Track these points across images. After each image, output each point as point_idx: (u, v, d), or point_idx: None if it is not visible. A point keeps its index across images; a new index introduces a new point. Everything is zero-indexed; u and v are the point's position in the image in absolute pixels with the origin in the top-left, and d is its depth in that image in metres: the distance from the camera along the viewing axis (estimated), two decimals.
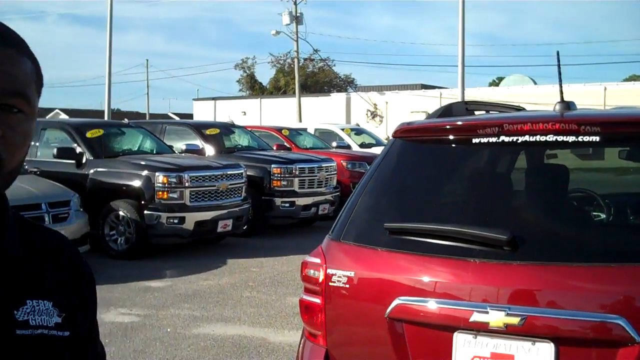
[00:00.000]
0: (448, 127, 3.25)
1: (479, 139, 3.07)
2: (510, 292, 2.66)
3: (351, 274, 2.99)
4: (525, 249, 2.73)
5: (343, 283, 2.99)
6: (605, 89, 41.19)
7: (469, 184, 3.43)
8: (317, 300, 3.08)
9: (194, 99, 61.64)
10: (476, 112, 3.82)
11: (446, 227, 2.88)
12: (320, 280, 3.07)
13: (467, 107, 3.75)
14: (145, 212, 10.63)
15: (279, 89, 74.42)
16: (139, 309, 7.88)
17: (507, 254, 2.72)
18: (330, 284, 3.04)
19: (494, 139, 3.04)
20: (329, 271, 3.05)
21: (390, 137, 3.42)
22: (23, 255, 1.26)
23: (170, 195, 10.72)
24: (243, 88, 78.95)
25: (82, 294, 1.36)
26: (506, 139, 3.02)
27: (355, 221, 3.15)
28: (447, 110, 3.60)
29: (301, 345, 3.23)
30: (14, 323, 1.19)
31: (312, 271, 3.14)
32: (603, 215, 3.78)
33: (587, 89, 39.50)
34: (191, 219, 10.72)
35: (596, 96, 38.28)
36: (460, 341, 2.73)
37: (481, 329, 2.67)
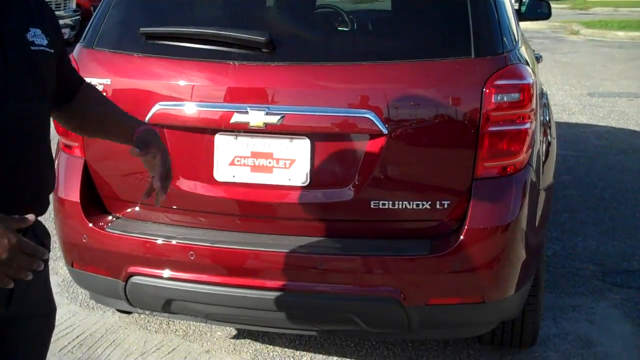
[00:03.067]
0: None
1: None
2: (269, 92, 2.74)
3: (107, 81, 2.88)
4: (283, 50, 2.79)
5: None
6: None
7: None
8: None
9: None
10: None
11: (205, 30, 2.85)
12: None
13: None
14: None
15: None
16: None
17: (265, 56, 2.77)
18: None
19: None
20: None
21: None
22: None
23: None
24: None
25: (54, 26, 1.83)
26: None
27: (108, 27, 3.00)
28: None
29: (57, 159, 3.10)
30: (29, 43, 1.69)
31: None
32: (348, 27, 3.93)
33: None
34: None
35: None
36: (222, 142, 2.79)
37: (242, 130, 2.74)
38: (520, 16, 5.47)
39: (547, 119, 3.49)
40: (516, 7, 5.48)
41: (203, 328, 3.67)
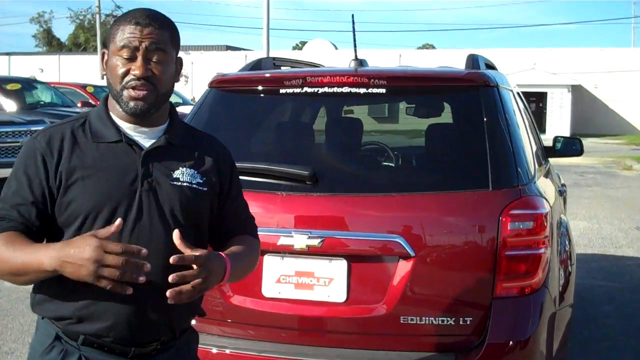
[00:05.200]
0: (258, 78, 3.66)
1: (286, 89, 3.51)
2: (312, 218, 3.14)
3: None
4: (324, 183, 3.21)
5: None
6: (400, 55, 43.59)
7: (277, 129, 3.88)
8: None
9: None
10: (282, 68, 4.26)
11: (257, 165, 3.30)
12: None
13: (274, 62, 4.18)
14: None
15: (78, 45, 71.56)
16: None
17: (309, 187, 3.19)
18: None
19: (298, 90, 3.49)
20: None
21: (207, 87, 3.76)
22: (180, 143, 2.14)
23: None
24: (40, 44, 75.20)
25: (221, 169, 2.22)
26: (309, 89, 3.48)
27: None
28: (257, 65, 4.00)
29: None
30: (171, 178, 2.08)
31: None
32: (392, 163, 4.37)
33: (383, 54, 41.62)
34: None
35: (392, 62, 40.40)
36: (269, 262, 3.17)
37: (287, 251, 3.13)
38: (556, 153, 5.84)
39: (566, 247, 3.78)
40: (551, 144, 5.86)
41: None
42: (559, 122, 39.19)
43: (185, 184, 2.09)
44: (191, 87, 45.26)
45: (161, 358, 2.08)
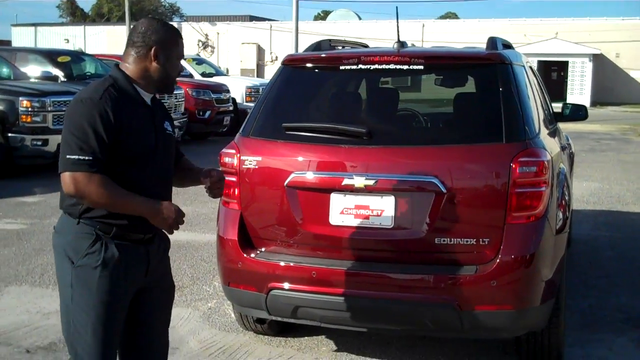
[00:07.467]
0: (322, 57, 4.65)
1: (344, 66, 4.49)
2: (368, 165, 4.13)
3: (259, 158, 4.33)
4: (377, 138, 4.20)
5: (253, 165, 4.33)
6: (423, 25, 44.15)
7: (337, 97, 4.87)
8: (233, 179, 4.39)
9: (13, 25, 58.90)
10: (337, 48, 5.24)
11: (325, 125, 4.29)
12: (235, 164, 4.38)
13: (330, 43, 5.15)
14: (9, 134, 11.33)
15: (101, 15, 72.42)
16: (23, 219, 8.75)
17: (365, 141, 4.18)
18: (243, 166, 4.36)
19: (354, 67, 4.47)
20: (242, 157, 4.37)
21: (280, 65, 4.75)
22: (156, 106, 3.16)
23: (34, 119, 11.42)
24: (63, 14, 76.02)
25: (172, 121, 3.32)
26: (362, 66, 4.46)
27: (259, 122, 4.48)
28: (317, 46, 4.98)
29: (221, 211, 4.54)
30: (164, 129, 3.16)
31: (228, 159, 4.44)
32: (423, 125, 5.35)
33: (407, 25, 42.17)
34: (54, 141, 11.34)
35: (415, 32, 41.04)
36: (335, 199, 4.17)
37: (348, 190, 4.12)
38: (564, 118, 6.81)
39: (564, 188, 4.74)
40: (559, 110, 6.81)
41: (311, 344, 4.96)
42: (580, 90, 39.80)
43: (169, 131, 3.18)
44: (217, 58, 46.07)
45: (155, 240, 3.14)
